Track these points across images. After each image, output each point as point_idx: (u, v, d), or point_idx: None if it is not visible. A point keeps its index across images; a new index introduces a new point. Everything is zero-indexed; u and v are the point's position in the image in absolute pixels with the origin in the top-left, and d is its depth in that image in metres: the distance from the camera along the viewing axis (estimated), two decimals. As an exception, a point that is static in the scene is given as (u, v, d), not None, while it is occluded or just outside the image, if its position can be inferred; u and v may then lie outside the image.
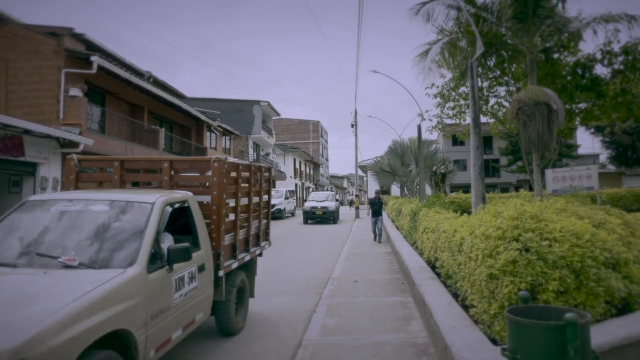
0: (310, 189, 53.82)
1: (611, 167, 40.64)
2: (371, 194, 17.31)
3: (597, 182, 10.97)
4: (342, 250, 13.06)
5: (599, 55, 13.55)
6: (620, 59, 13.45)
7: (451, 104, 16.18)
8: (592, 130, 31.65)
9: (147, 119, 19.89)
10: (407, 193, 27.17)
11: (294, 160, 53.01)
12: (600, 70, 13.80)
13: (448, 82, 15.81)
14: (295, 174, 52.55)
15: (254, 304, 6.87)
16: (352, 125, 32.86)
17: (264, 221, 6.83)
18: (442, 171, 25.40)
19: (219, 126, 27.52)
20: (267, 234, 7.03)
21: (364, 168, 44.84)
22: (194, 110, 23.15)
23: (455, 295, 5.15)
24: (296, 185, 51.27)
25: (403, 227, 13.25)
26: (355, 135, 32.74)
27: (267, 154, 43.06)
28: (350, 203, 47.76)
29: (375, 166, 29.23)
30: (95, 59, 14.61)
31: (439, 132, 18.21)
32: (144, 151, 18.01)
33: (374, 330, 5.48)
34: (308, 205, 25.80)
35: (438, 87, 16.19)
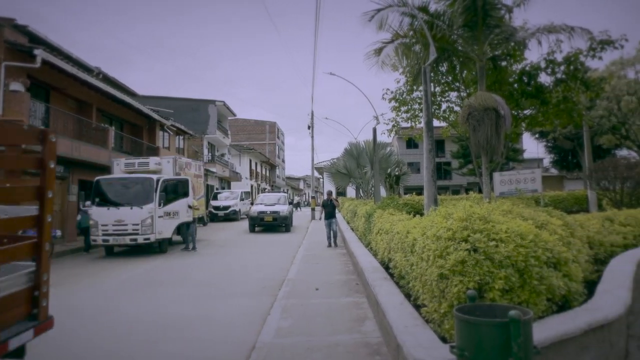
0: (267, 190, 53.46)
1: (554, 171, 42.86)
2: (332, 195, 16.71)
3: (541, 185, 11.52)
4: (298, 252, 13.06)
5: (543, 64, 14.26)
6: (562, 68, 14.21)
7: (405, 107, 16.55)
8: (537, 135, 33.17)
9: (95, 116, 19.08)
10: (362, 195, 27.53)
11: (250, 161, 52.52)
12: (544, 78, 14.54)
13: (402, 87, 16.17)
14: (251, 175, 52.07)
15: (207, 307, 6.74)
16: (309, 127, 32.94)
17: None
18: (397, 173, 25.93)
19: (172, 125, 26.84)
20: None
21: (320, 170, 45.07)
22: (145, 109, 22.45)
23: (408, 295, 5.25)
24: (252, 186, 50.80)
25: (358, 229, 13.42)
26: (312, 136, 32.85)
27: (223, 155, 42.41)
28: (307, 204, 47.84)
29: (331, 168, 29.44)
30: (39, 53, 13.88)
31: (394, 134, 18.58)
32: (93, 150, 17.29)
33: (328, 331, 5.50)
34: (255, 209, 21.16)
35: (392, 92, 16.54)
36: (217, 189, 37.03)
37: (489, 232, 3.92)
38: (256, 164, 55.69)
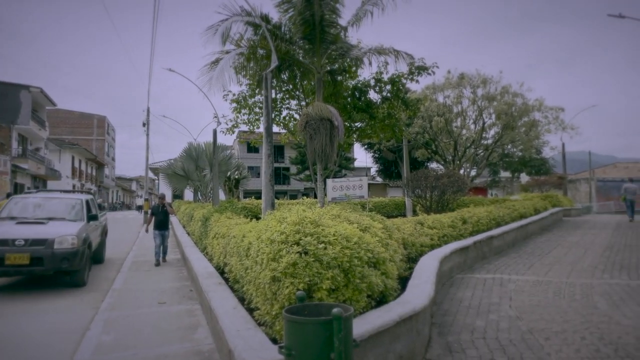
0: (92, 191, 48.24)
1: (379, 179, 47.60)
2: (167, 199, 13.92)
3: (367, 192, 12.66)
4: (127, 258, 12.06)
5: (372, 82, 15.78)
6: (388, 87, 15.92)
7: (246, 110, 16.65)
8: (366, 146, 36.37)
9: None
10: (200, 198, 26.76)
11: (73, 158, 46.89)
12: (373, 95, 16.11)
13: (243, 91, 16.24)
14: (73, 174, 46.48)
15: (9, 325, 5.79)
16: (144, 124, 30.76)
17: None
18: (237, 177, 25.86)
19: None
20: None
21: (156, 170, 42.46)
22: None
23: (242, 300, 5.24)
24: (74, 186, 45.37)
25: (194, 233, 12.97)
26: (147, 134, 30.74)
27: (38, 149, 37.00)
28: (139, 208, 44.57)
29: (168, 169, 27.94)
30: None
31: (235, 137, 18.52)
32: None
33: (157, 342, 5.18)
34: None
35: (235, 94, 16.50)
36: (28, 188, 31.69)
37: (319, 235, 4.15)
38: (80, 161, 49.95)
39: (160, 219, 11.19)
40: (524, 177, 43.33)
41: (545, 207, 18.28)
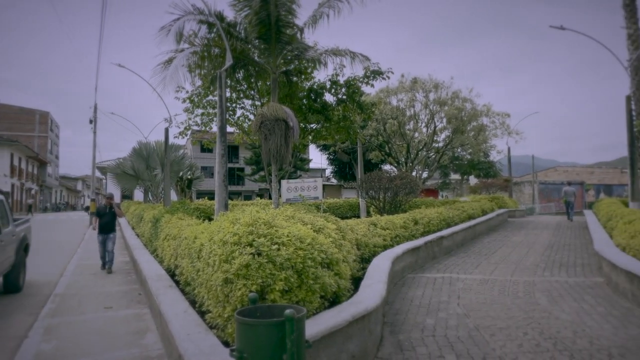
0: (33, 191, 45.74)
1: (334, 181, 47.96)
2: (116, 199, 12.68)
3: (322, 193, 12.72)
4: (71, 261, 11.50)
5: (328, 85, 15.86)
6: (343, 90, 16.06)
7: (200, 110, 16.32)
8: (321, 147, 36.56)
9: None
10: (151, 198, 25.96)
11: (12, 155, 44.24)
12: (329, 97, 16.21)
13: (197, 89, 15.90)
14: (12, 173, 43.85)
15: None
16: (91, 121, 29.48)
17: None
18: (189, 177, 25.29)
19: None
20: None
21: (104, 170, 40.78)
22: None
23: (194, 303, 5.12)
24: (13, 185, 42.84)
25: (144, 235, 12.55)
26: (95, 132, 29.46)
27: (-27, 146, 34.68)
28: (86, 209, 42.70)
29: (117, 168, 26.90)
30: None
31: (188, 137, 18.11)
32: None
33: (102, 348, 4.97)
34: None
35: (188, 92, 16.13)
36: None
37: (272, 237, 4.12)
38: (20, 159, 47.21)
39: (107, 220, 10.29)
40: (473, 180, 44.99)
41: (492, 208, 19.04)
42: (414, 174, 26.68)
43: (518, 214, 24.83)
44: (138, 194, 34.09)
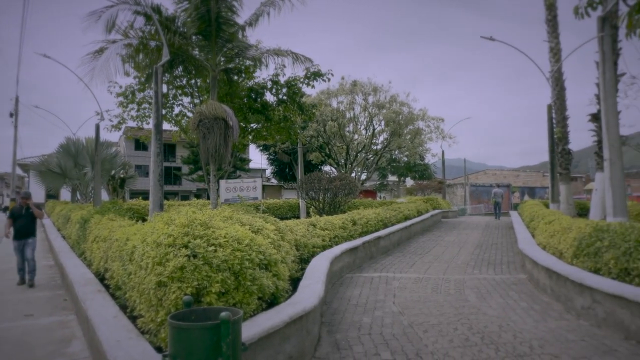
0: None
1: (274, 181, 47.75)
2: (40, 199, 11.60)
3: (261, 194, 12.60)
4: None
5: (269, 84, 15.78)
6: (284, 90, 16.03)
7: (134, 105, 15.67)
8: (261, 147, 36.28)
9: None
10: (79, 198, 24.53)
11: None
12: (270, 97, 16.12)
13: (133, 84, 15.25)
14: None
15: None
16: (12, 115, 27.40)
17: None
18: (122, 176, 24.14)
19: None
20: None
21: (26, 167, 38.02)
22: None
23: (125, 307, 4.89)
24: None
25: (71, 237, 11.83)
26: (15, 126, 27.41)
27: None
28: (5, 209, 39.59)
29: (41, 165, 25.13)
30: None
31: (122, 134, 17.30)
32: None
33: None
34: None
35: (122, 87, 15.43)
36: None
37: (209, 238, 4.02)
38: None
39: (23, 223, 8.76)
40: (409, 181, 46.52)
41: (427, 209, 19.78)
42: (353, 175, 27.16)
43: (451, 214, 25.98)
44: (65, 194, 32.09)
